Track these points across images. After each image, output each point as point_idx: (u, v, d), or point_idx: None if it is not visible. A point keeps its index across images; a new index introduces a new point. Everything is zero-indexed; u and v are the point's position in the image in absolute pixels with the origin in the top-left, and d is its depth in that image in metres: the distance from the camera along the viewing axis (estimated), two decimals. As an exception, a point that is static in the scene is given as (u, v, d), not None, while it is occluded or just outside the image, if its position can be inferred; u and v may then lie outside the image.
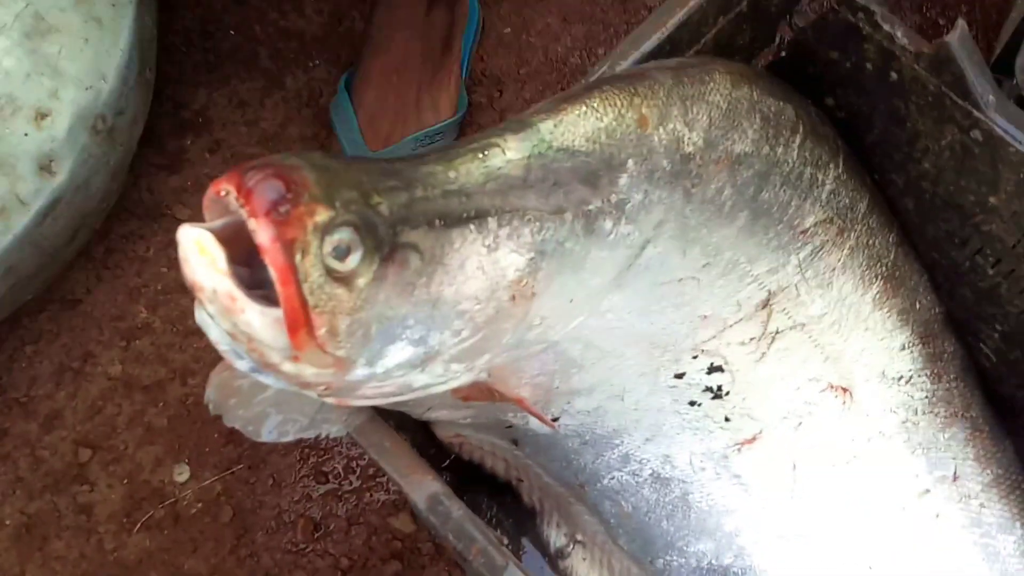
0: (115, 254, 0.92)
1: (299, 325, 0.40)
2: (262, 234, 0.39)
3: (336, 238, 0.40)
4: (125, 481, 0.86)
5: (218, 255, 0.39)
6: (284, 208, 0.39)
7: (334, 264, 0.40)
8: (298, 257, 0.39)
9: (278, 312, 0.40)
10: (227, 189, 0.39)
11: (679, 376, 0.60)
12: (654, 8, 1.01)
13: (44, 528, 0.85)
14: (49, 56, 0.76)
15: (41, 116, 0.75)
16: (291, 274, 0.39)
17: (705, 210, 0.53)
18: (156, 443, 0.87)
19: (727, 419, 0.62)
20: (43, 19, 0.76)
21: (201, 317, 0.41)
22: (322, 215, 0.40)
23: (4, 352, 0.89)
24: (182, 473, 0.86)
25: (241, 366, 0.42)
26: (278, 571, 0.84)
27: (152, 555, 0.84)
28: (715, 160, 0.53)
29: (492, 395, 0.53)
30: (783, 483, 0.64)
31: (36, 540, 0.85)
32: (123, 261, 0.92)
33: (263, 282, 0.40)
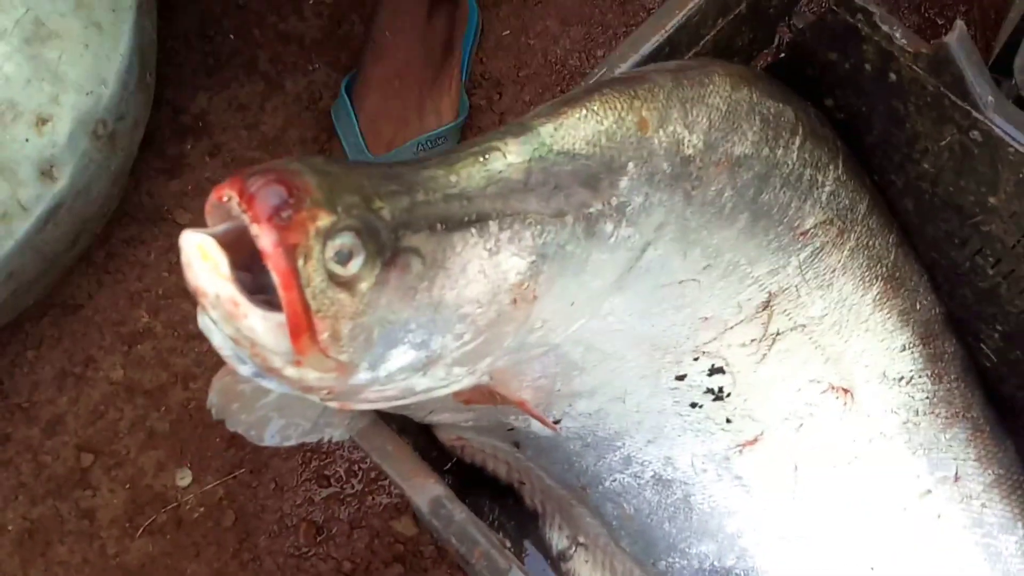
0: (116, 259, 0.92)
1: (302, 330, 0.40)
2: (264, 239, 0.39)
3: (338, 243, 0.40)
4: (127, 486, 0.86)
5: (221, 260, 0.39)
6: (286, 213, 0.39)
7: (336, 269, 0.40)
8: (300, 262, 0.39)
9: (281, 317, 0.40)
10: (229, 195, 0.39)
11: (680, 378, 0.60)
12: (653, 10, 1.02)
13: (47, 533, 0.85)
14: (49, 61, 0.76)
15: (42, 121, 0.75)
16: (293, 279, 0.39)
17: (705, 212, 0.53)
18: (158, 448, 0.87)
19: (728, 421, 0.62)
20: (43, 24, 0.76)
21: (204, 322, 0.41)
22: (324, 220, 0.40)
23: (6, 357, 0.89)
24: (184, 477, 0.86)
25: (244, 371, 0.43)
26: (281, 575, 0.84)
27: (155, 560, 0.84)
28: (715, 162, 0.53)
29: (494, 398, 0.53)
30: (785, 484, 0.64)
31: (39, 545, 0.85)
32: (124, 266, 0.92)
33: (265, 287, 0.41)
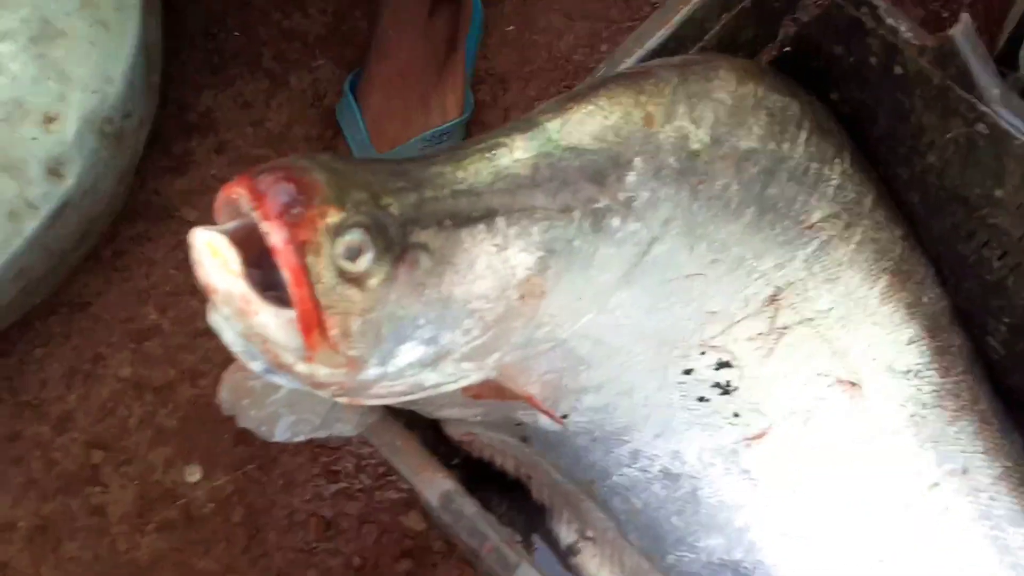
0: (123, 256, 0.93)
1: (312, 326, 0.40)
2: (275, 236, 0.39)
3: (347, 239, 0.40)
4: (137, 482, 0.86)
5: (231, 257, 0.39)
6: (296, 210, 0.39)
7: (346, 265, 0.41)
8: (310, 259, 0.40)
9: (291, 313, 0.40)
10: (239, 192, 0.39)
11: (687, 372, 0.60)
12: (657, 5, 1.02)
13: (58, 530, 0.85)
14: (56, 60, 0.76)
15: (49, 120, 0.76)
16: (304, 276, 0.39)
17: (712, 207, 0.54)
18: (167, 444, 0.87)
19: (736, 414, 0.62)
20: (49, 23, 0.77)
21: (214, 319, 0.42)
22: (334, 217, 0.40)
23: (15, 355, 0.90)
24: (194, 474, 0.86)
25: (255, 367, 0.43)
26: (290, 570, 0.85)
27: (165, 555, 0.85)
28: (721, 157, 0.53)
29: (502, 393, 0.53)
30: (792, 478, 0.64)
31: (50, 541, 0.85)
32: (132, 263, 0.93)
33: (275, 284, 0.41)
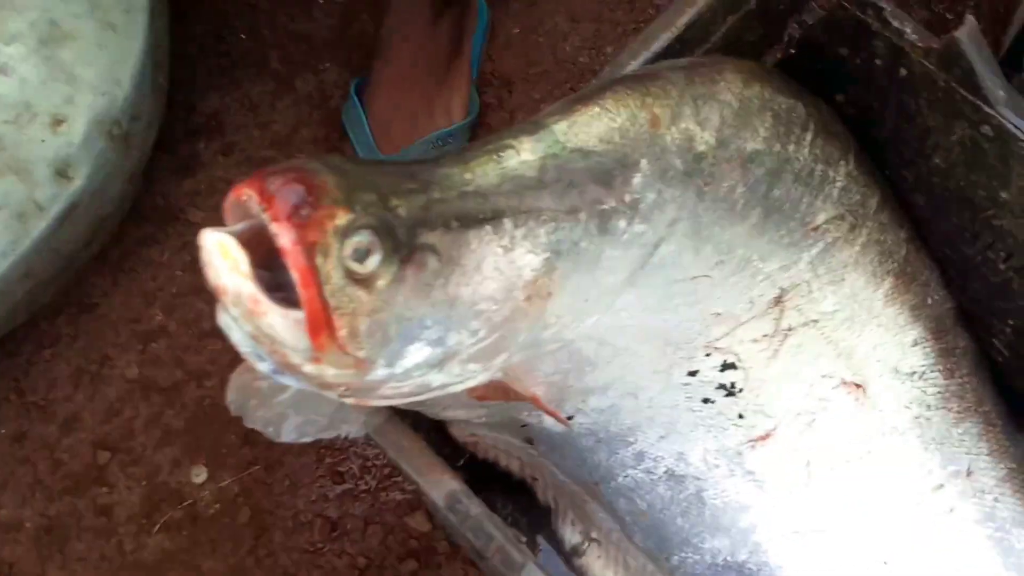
0: (130, 258, 0.93)
1: (320, 327, 0.40)
2: (284, 238, 0.39)
3: (356, 241, 0.41)
4: (143, 483, 0.86)
5: (241, 259, 0.39)
6: (305, 212, 0.39)
7: (354, 266, 0.41)
8: (319, 260, 0.40)
9: (299, 314, 0.40)
10: (248, 194, 0.40)
11: (692, 373, 0.60)
12: (661, 6, 1.02)
13: (64, 530, 0.86)
14: (65, 63, 0.77)
15: (57, 122, 0.76)
16: (312, 277, 0.40)
17: (717, 208, 0.54)
18: (173, 445, 0.88)
19: (741, 416, 0.62)
20: (58, 26, 0.77)
21: (223, 320, 0.42)
22: (342, 218, 0.40)
23: (22, 356, 0.90)
24: (200, 474, 0.87)
25: (263, 368, 0.43)
26: (296, 571, 0.85)
27: (171, 556, 0.85)
28: (727, 158, 0.53)
29: (507, 394, 0.53)
30: (797, 479, 0.64)
31: (57, 542, 0.85)
32: (138, 265, 0.93)
33: (283, 284, 0.41)
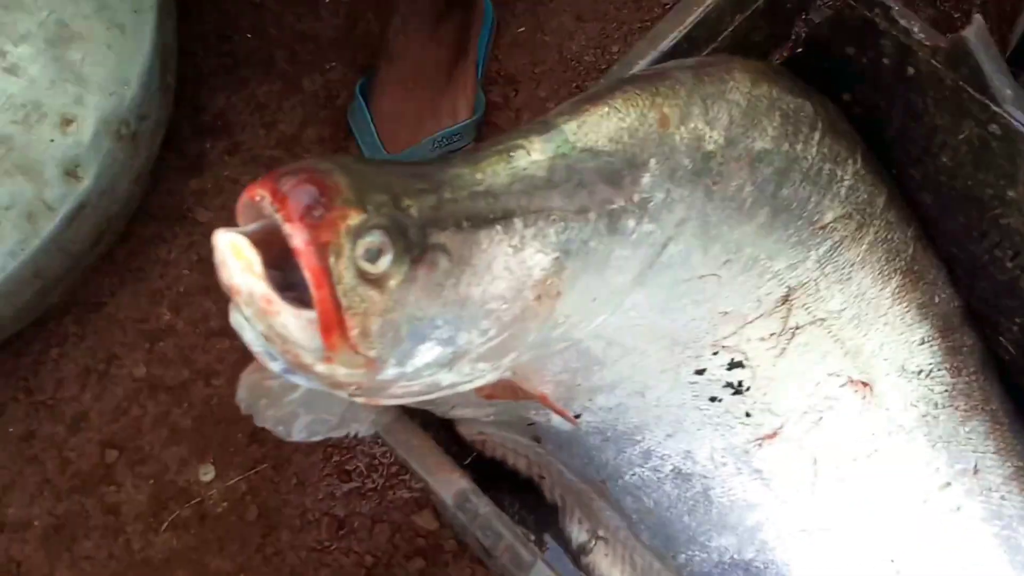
0: (138, 257, 0.93)
1: (332, 327, 0.41)
2: (297, 238, 0.39)
3: (368, 241, 0.41)
4: (151, 481, 0.87)
5: (254, 259, 0.40)
6: (318, 212, 0.40)
7: (366, 266, 0.41)
8: (332, 260, 0.40)
9: (312, 314, 0.41)
10: (261, 194, 0.40)
11: (700, 372, 0.60)
12: (668, 5, 1.02)
13: (72, 529, 0.86)
14: (73, 63, 0.77)
15: (66, 122, 0.76)
16: (325, 277, 0.40)
17: (726, 207, 0.54)
18: (181, 443, 0.88)
19: (748, 415, 0.62)
20: (67, 26, 0.77)
21: (236, 319, 0.42)
22: (355, 218, 0.40)
23: (30, 355, 0.90)
24: (207, 473, 0.87)
25: (274, 367, 0.43)
26: (303, 569, 0.85)
27: (179, 554, 0.85)
28: (736, 158, 0.53)
29: (516, 393, 0.53)
30: (804, 478, 0.64)
31: (65, 540, 0.86)
32: (146, 264, 0.93)
33: (295, 284, 0.41)
